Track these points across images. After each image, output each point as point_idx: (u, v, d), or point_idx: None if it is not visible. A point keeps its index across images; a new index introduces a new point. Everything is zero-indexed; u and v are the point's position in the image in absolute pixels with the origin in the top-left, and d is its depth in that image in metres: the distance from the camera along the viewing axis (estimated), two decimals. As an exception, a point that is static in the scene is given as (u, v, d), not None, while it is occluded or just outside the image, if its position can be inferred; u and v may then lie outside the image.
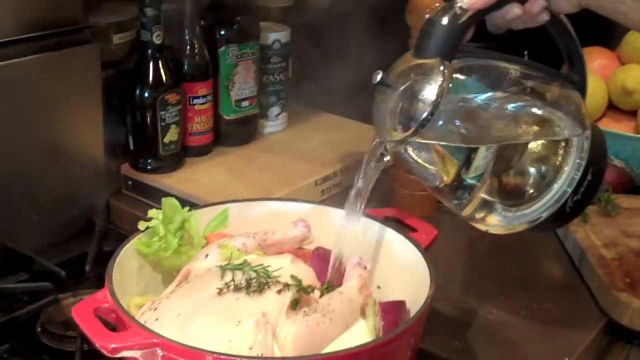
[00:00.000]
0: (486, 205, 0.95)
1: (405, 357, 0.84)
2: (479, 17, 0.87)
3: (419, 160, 0.93)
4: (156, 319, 0.83)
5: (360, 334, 0.81)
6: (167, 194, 1.29)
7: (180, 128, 1.36)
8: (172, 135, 1.35)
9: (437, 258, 0.95)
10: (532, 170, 0.95)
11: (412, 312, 0.88)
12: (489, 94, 0.90)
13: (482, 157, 0.91)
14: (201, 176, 1.36)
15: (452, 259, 1.24)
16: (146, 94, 1.31)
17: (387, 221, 1.00)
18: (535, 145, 0.95)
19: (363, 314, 0.88)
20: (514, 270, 1.23)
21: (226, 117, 1.45)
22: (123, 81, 1.33)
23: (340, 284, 0.92)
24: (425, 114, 0.83)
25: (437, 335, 1.03)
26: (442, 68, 0.84)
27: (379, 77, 0.87)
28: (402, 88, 0.86)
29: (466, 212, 0.96)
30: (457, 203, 0.95)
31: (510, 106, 0.91)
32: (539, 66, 0.95)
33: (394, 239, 0.97)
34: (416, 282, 0.90)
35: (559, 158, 0.94)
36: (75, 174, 1.29)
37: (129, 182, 1.38)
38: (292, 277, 0.86)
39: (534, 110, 0.93)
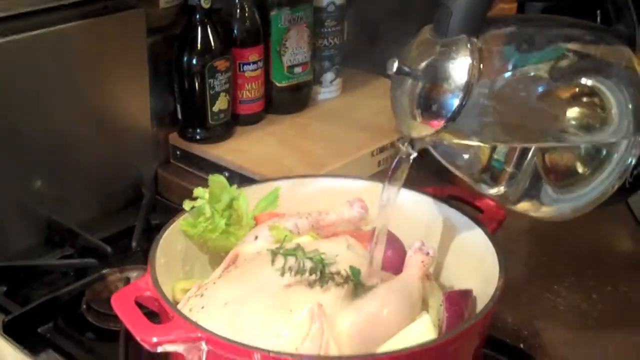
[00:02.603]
0: (534, 189, 0.84)
1: (472, 350, 0.77)
2: None
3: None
4: (202, 307, 0.78)
5: (425, 329, 0.75)
6: (216, 165, 1.26)
7: (230, 96, 1.30)
8: (221, 103, 1.29)
9: (501, 233, 0.88)
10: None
11: (479, 302, 0.81)
12: (523, 68, 0.78)
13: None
14: (252, 146, 1.31)
15: (516, 234, 1.17)
16: (194, 61, 1.26)
17: (451, 201, 0.92)
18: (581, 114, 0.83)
19: (425, 302, 0.82)
20: (585, 249, 1.15)
21: (278, 84, 1.39)
22: (170, 47, 1.28)
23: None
24: (455, 106, 0.74)
25: (503, 320, 0.97)
26: (469, 46, 0.74)
27: (395, 65, 0.76)
28: (423, 72, 0.76)
29: (513, 199, 0.86)
30: (498, 190, 0.86)
31: (549, 80, 0.79)
32: (577, 22, 0.83)
33: (458, 221, 0.90)
34: (483, 270, 0.83)
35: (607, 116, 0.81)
36: (122, 144, 1.26)
37: (178, 152, 1.33)
38: (351, 268, 0.80)
39: (578, 79, 0.81)
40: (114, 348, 0.91)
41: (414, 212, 0.91)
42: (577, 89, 0.81)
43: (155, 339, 0.70)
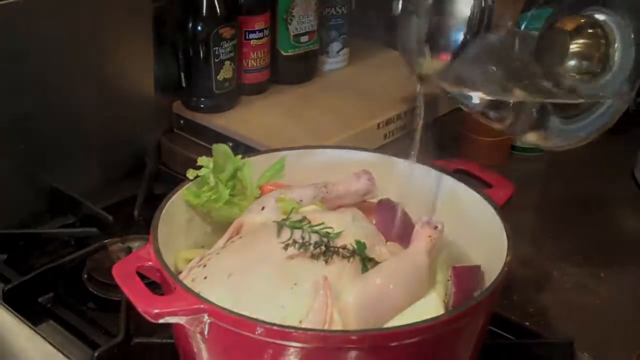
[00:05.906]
0: (541, 120, 0.85)
1: (479, 327, 0.76)
2: None
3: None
4: (205, 278, 0.76)
5: (433, 305, 0.73)
6: (220, 135, 1.24)
7: (235, 65, 1.28)
8: (226, 72, 1.27)
9: (508, 210, 0.86)
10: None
11: (486, 277, 0.80)
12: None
13: None
14: (256, 117, 1.29)
15: (524, 211, 1.15)
16: (199, 28, 1.24)
17: (459, 174, 0.90)
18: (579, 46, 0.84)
19: (432, 277, 0.80)
20: (593, 226, 1.14)
21: (284, 53, 1.37)
22: (175, 13, 1.26)
23: (406, 241, 0.83)
24: (460, 40, 0.76)
25: (508, 297, 0.96)
26: None
27: (400, 4, 0.80)
28: (427, 9, 0.79)
29: (522, 131, 0.87)
30: (508, 122, 0.87)
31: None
32: None
33: (466, 195, 0.88)
34: (490, 245, 0.81)
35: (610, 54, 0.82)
36: (125, 111, 1.24)
37: (181, 121, 1.32)
38: (357, 242, 0.78)
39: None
40: (115, 318, 0.90)
41: (422, 185, 0.90)
42: (580, 22, 0.82)
43: (156, 311, 0.68)
